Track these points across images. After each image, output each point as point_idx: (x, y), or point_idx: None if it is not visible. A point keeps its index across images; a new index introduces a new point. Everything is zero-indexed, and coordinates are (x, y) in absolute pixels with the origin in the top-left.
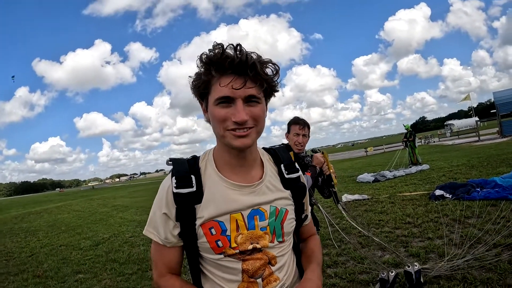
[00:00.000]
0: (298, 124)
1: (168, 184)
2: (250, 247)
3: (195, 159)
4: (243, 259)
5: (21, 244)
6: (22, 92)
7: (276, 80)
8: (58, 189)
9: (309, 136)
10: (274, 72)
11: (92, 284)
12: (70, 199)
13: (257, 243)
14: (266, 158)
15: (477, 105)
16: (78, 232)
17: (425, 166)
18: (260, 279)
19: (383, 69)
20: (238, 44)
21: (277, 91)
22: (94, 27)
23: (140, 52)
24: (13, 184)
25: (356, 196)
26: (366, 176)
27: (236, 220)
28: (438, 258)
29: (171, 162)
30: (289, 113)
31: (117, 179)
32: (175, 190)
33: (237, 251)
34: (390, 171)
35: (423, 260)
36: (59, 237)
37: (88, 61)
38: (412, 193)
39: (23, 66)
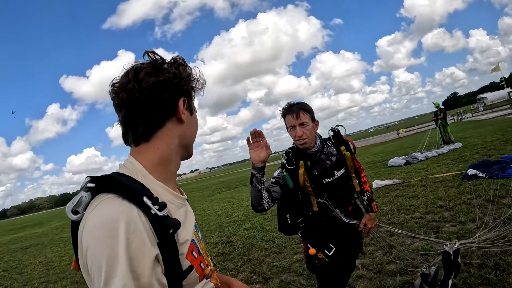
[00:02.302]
0: (288, 114)
1: (131, 212)
2: (209, 258)
3: (126, 176)
4: (210, 275)
5: (61, 253)
6: (53, 109)
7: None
8: None
9: (313, 121)
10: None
11: None
12: None
13: (208, 255)
14: None
15: (509, 75)
16: None
17: (457, 145)
18: None
19: (408, 48)
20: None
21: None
22: (115, 39)
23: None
24: (54, 197)
25: (387, 182)
26: (397, 160)
27: (193, 233)
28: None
29: (101, 180)
30: (317, 102)
31: None
32: (160, 213)
33: (210, 267)
34: (422, 153)
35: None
36: None
37: (113, 72)
38: (444, 174)
39: (51, 84)
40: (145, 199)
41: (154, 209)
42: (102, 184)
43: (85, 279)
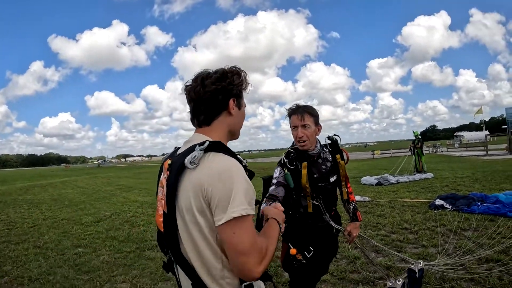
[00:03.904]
0: (294, 114)
1: (237, 161)
2: None
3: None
4: None
5: (24, 215)
6: (36, 66)
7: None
8: (64, 164)
9: (316, 125)
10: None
11: (90, 259)
12: (75, 175)
13: None
14: None
15: (489, 119)
16: (80, 207)
17: (429, 175)
18: None
19: (397, 74)
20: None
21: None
22: (112, 8)
23: (156, 36)
24: (20, 156)
25: (357, 197)
26: (370, 179)
27: None
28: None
29: (211, 144)
30: None
31: (123, 159)
32: (247, 165)
33: None
34: (394, 176)
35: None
36: (62, 211)
37: (104, 40)
38: (412, 200)
39: (39, 41)
40: (238, 156)
41: (244, 162)
42: (211, 146)
43: (194, 216)
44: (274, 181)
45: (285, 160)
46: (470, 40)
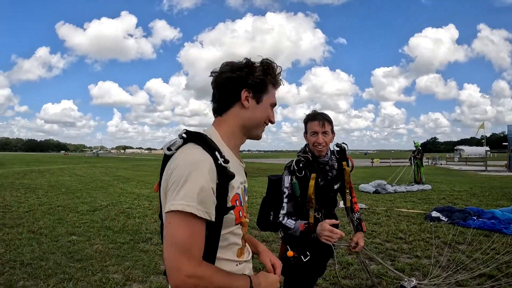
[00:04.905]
0: (316, 120)
1: (210, 159)
2: (247, 215)
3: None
4: (243, 225)
5: (20, 199)
6: (42, 52)
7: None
8: (63, 151)
9: (333, 133)
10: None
11: (84, 247)
12: (74, 163)
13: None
14: None
15: (490, 135)
16: (77, 196)
17: (427, 186)
18: (244, 241)
19: (401, 84)
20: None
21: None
22: None
23: (164, 30)
24: (20, 141)
25: None
26: (368, 186)
27: (241, 192)
28: (421, 277)
29: (192, 135)
30: (302, 112)
31: (122, 151)
32: (224, 164)
33: (247, 219)
34: (392, 186)
35: (407, 275)
36: (58, 198)
37: (111, 31)
38: (409, 210)
39: (47, 27)
40: (216, 153)
41: (220, 160)
42: (192, 137)
43: (161, 199)
44: (286, 191)
45: (295, 168)
46: (476, 55)
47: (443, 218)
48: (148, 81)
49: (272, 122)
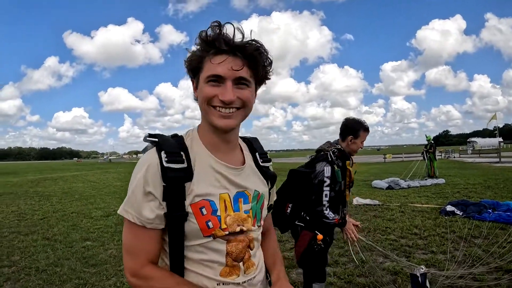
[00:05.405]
0: (367, 132)
1: (153, 159)
2: (238, 229)
3: (178, 137)
4: (228, 239)
5: (34, 207)
6: (51, 61)
7: (269, 69)
8: (76, 158)
9: None
10: (269, 61)
11: (98, 252)
12: (87, 169)
13: (243, 226)
14: (243, 145)
15: (503, 126)
16: (90, 201)
17: (440, 180)
18: (242, 262)
19: (410, 77)
20: (238, 26)
21: (269, 79)
22: (127, 5)
23: (170, 35)
24: (33, 150)
25: (367, 201)
26: (381, 183)
27: (224, 200)
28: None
29: (153, 138)
30: (312, 111)
31: (135, 155)
32: (166, 165)
33: (227, 232)
34: (405, 181)
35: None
36: (72, 204)
37: (119, 38)
38: (423, 205)
39: (54, 37)
40: (162, 153)
41: (164, 160)
42: (157, 141)
43: None
44: (327, 181)
45: (335, 159)
46: (484, 45)
47: (458, 212)
48: (157, 85)
49: (222, 100)
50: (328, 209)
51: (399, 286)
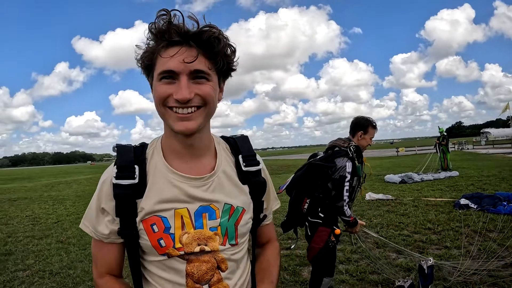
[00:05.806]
0: (375, 129)
1: (108, 175)
2: (197, 249)
3: (142, 147)
4: (188, 259)
5: (48, 211)
6: (61, 67)
7: (232, 58)
8: (90, 162)
9: None
10: (232, 50)
11: None
12: (100, 172)
13: (205, 245)
14: (223, 147)
15: None
16: None
17: (454, 173)
18: (207, 285)
19: (421, 69)
20: (190, 13)
21: (234, 70)
22: (134, 9)
23: None
24: (47, 154)
25: (380, 196)
26: (393, 177)
27: (182, 216)
28: (451, 268)
29: (116, 149)
30: (323, 106)
31: None
32: (114, 181)
33: (182, 252)
34: (418, 174)
35: (435, 269)
36: (85, 207)
37: (127, 41)
38: (437, 199)
39: (63, 43)
40: (114, 168)
41: (113, 176)
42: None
43: None
44: (348, 176)
45: (354, 155)
46: (494, 34)
47: (472, 206)
48: None
49: (177, 99)
50: (347, 206)
51: (413, 281)
